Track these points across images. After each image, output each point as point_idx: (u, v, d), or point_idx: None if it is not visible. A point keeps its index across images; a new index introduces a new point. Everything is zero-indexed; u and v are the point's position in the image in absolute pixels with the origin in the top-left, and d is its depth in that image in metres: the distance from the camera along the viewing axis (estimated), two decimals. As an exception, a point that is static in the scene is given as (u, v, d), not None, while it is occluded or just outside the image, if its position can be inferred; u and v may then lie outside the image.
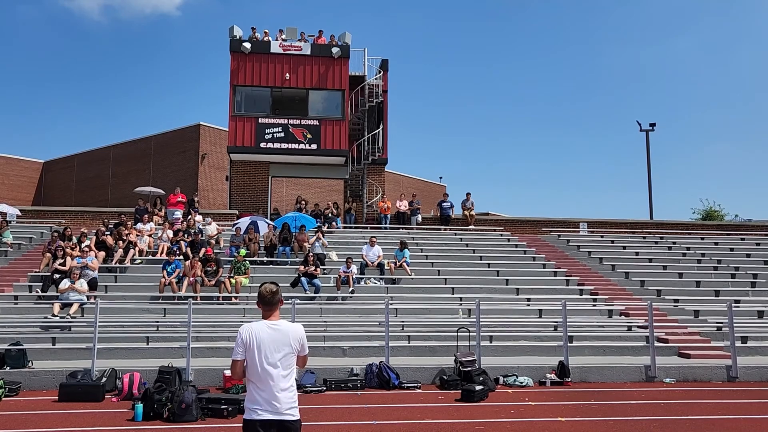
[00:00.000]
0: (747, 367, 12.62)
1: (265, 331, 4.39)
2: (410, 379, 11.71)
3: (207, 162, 37.38)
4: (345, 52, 26.12)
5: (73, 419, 8.86)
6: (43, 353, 12.28)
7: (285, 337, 4.40)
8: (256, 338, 4.36)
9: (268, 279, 18.39)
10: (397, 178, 45.19)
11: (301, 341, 4.46)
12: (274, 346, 4.36)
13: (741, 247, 23.32)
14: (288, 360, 4.39)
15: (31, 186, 44.22)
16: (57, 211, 24.23)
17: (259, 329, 4.40)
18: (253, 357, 4.34)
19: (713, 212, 38.90)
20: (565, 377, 11.96)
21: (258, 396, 4.31)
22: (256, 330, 4.39)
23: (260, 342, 4.35)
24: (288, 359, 4.39)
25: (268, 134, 25.10)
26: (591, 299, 16.97)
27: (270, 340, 4.37)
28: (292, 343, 4.41)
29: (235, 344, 4.40)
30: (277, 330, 4.41)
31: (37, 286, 15.46)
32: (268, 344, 4.36)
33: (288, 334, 4.42)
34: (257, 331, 4.38)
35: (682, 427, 8.52)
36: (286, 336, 4.41)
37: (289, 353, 4.40)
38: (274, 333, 4.40)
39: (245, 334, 4.38)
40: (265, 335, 4.38)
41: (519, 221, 26.45)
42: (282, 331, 4.41)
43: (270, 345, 4.36)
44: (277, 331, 4.41)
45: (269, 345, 4.36)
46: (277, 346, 4.37)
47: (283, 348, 4.38)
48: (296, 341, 4.43)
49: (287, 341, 4.40)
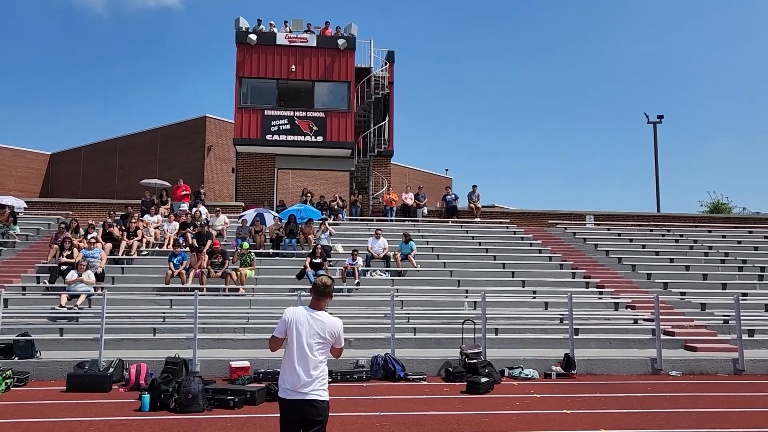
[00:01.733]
0: (754, 360, 12.59)
1: (306, 318, 4.75)
2: (416, 371, 11.73)
3: (213, 154, 37.43)
4: (351, 44, 26.04)
5: (80, 409, 8.92)
6: (50, 344, 12.36)
7: (322, 328, 4.74)
8: (297, 322, 4.74)
9: (274, 270, 18.42)
10: (402, 170, 45.13)
11: (336, 334, 4.78)
12: (311, 333, 4.71)
13: (749, 240, 23.19)
14: (321, 348, 4.72)
15: (38, 178, 44.40)
16: (64, 203, 24.37)
17: (301, 314, 4.76)
18: (291, 339, 4.73)
19: (721, 205, 38.67)
20: (571, 370, 11.95)
21: (291, 376, 4.66)
22: (298, 314, 4.76)
23: (300, 326, 4.72)
24: (321, 347, 4.72)
25: (274, 126, 25.09)
26: (597, 292, 16.92)
27: (308, 327, 4.72)
28: (327, 335, 4.74)
29: (279, 322, 4.79)
30: (317, 320, 4.75)
31: (44, 278, 15.55)
32: (306, 330, 4.71)
33: (325, 325, 4.75)
34: (299, 316, 4.76)
35: (688, 420, 8.51)
36: (323, 327, 4.74)
37: (323, 342, 4.73)
38: (314, 321, 4.74)
39: (288, 315, 4.78)
40: (305, 321, 4.74)
41: (525, 214, 26.38)
42: (320, 322, 4.75)
43: (308, 331, 4.71)
44: (317, 320, 4.75)
45: (307, 331, 4.71)
46: (314, 334, 4.71)
47: (318, 336, 4.71)
48: (331, 334, 4.75)
49: (323, 332, 4.73)
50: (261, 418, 8.49)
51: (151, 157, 39.21)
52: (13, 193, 29.66)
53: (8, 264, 17.02)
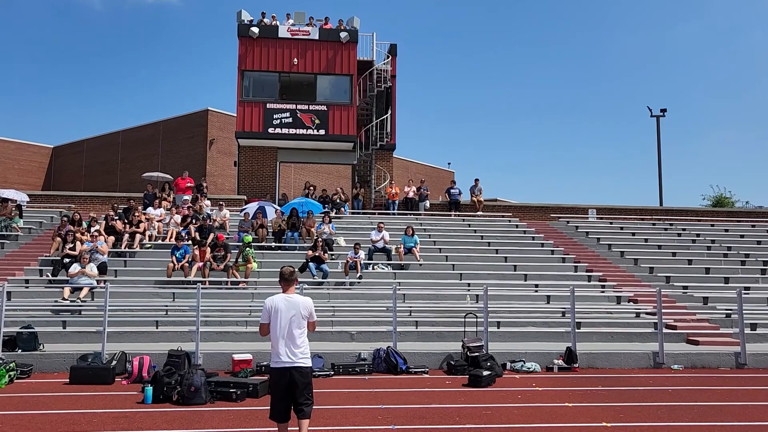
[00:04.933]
0: (756, 354, 12.57)
1: (282, 302, 5.91)
2: (418, 364, 11.75)
3: (215, 147, 37.41)
4: (353, 37, 25.95)
5: (83, 401, 8.96)
6: (54, 336, 12.40)
7: (296, 306, 5.91)
8: (275, 307, 5.89)
9: (277, 263, 18.43)
10: (405, 163, 45.08)
11: (308, 309, 5.97)
12: (289, 312, 5.86)
13: (751, 233, 23.15)
14: (299, 323, 5.88)
15: (40, 171, 44.45)
16: (66, 196, 24.39)
17: (279, 300, 5.93)
18: (274, 320, 5.87)
19: (724, 199, 38.55)
20: (573, 363, 11.95)
21: (278, 349, 5.80)
22: (276, 301, 5.93)
23: (278, 309, 5.88)
24: (299, 322, 5.88)
25: (276, 119, 25.06)
26: (599, 285, 16.91)
27: (285, 308, 5.88)
28: (302, 311, 5.92)
29: (262, 311, 5.96)
30: (291, 301, 5.92)
31: (47, 271, 15.58)
32: (284, 311, 5.86)
33: (299, 304, 5.93)
34: (277, 302, 5.92)
35: (689, 413, 8.51)
36: (297, 305, 5.92)
37: (300, 318, 5.89)
38: (289, 303, 5.91)
39: (268, 303, 5.94)
40: (282, 305, 5.90)
41: (527, 207, 26.35)
42: (294, 302, 5.93)
43: (285, 311, 5.86)
44: (291, 302, 5.92)
45: (285, 311, 5.86)
46: (291, 313, 5.86)
47: (294, 314, 5.86)
48: (305, 309, 5.94)
49: (298, 309, 5.91)
50: (263, 410, 8.48)
51: (153, 151, 39.21)
52: (16, 186, 29.71)
53: (11, 257, 17.07)
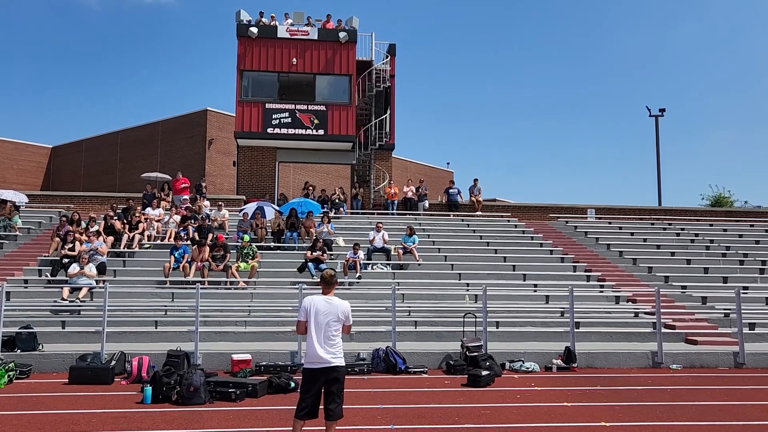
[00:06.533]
0: (754, 354, 12.60)
1: (322, 303, 6.00)
2: (417, 363, 11.76)
3: (214, 147, 37.40)
4: (352, 37, 25.95)
5: (83, 401, 8.96)
6: (53, 336, 12.39)
7: (335, 309, 5.99)
8: (314, 307, 5.97)
9: (276, 264, 18.45)
10: (404, 163, 45.08)
11: (345, 314, 6.04)
12: (327, 313, 5.93)
13: (750, 233, 23.17)
14: (335, 325, 5.96)
15: (39, 171, 44.42)
16: (65, 196, 24.37)
17: (318, 301, 6.02)
18: (311, 320, 5.93)
19: (722, 198, 38.57)
20: (572, 363, 11.97)
21: (314, 350, 5.86)
22: (315, 301, 6.02)
23: (317, 310, 5.95)
24: (336, 325, 5.96)
25: (275, 119, 25.05)
26: (598, 285, 16.93)
27: (324, 309, 5.95)
28: (340, 315, 5.99)
29: (300, 309, 6.08)
30: (330, 303, 6.02)
31: (46, 271, 15.57)
32: (322, 312, 5.94)
33: (337, 307, 6.01)
34: (316, 302, 6.00)
35: (688, 412, 8.53)
36: (336, 308, 6.00)
37: (336, 321, 5.97)
38: (328, 305, 6.00)
39: (307, 302, 6.03)
40: (321, 306, 5.98)
41: (526, 207, 26.37)
42: (333, 305, 6.02)
43: (324, 312, 5.93)
44: (330, 304, 6.01)
45: (323, 312, 5.93)
46: (328, 314, 5.94)
47: (332, 316, 5.94)
48: (342, 313, 6.02)
49: (336, 312, 5.98)
50: (262, 410, 8.53)
51: (152, 151, 39.19)
52: (15, 187, 29.70)
53: (10, 257, 17.05)
